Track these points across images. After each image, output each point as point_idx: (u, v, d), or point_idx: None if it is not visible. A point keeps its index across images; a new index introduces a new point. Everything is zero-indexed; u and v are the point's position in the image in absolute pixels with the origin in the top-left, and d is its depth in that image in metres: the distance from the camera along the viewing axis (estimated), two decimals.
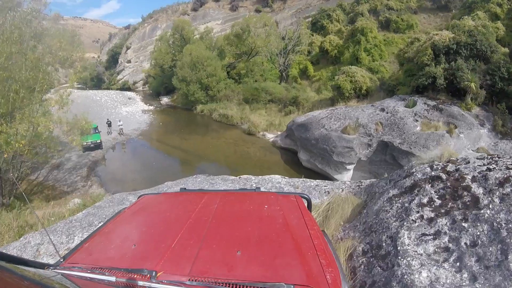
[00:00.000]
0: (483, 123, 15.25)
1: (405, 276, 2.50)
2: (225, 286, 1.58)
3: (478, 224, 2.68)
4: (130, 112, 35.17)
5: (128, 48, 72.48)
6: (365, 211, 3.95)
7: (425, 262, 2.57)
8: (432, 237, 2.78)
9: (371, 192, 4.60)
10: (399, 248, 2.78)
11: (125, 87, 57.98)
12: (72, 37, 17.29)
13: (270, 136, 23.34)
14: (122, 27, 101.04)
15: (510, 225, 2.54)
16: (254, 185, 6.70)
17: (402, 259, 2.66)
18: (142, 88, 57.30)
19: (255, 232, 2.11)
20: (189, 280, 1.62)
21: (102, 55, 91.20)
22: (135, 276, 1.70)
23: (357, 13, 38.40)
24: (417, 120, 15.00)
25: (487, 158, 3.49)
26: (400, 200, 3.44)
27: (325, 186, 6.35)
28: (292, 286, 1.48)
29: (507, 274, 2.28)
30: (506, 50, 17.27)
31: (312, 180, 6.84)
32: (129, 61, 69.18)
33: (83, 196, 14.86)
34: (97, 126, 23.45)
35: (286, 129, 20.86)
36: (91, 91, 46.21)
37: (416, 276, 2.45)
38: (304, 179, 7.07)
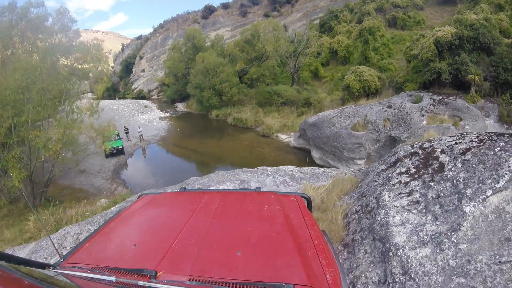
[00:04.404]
0: (488, 114, 15.72)
1: (383, 220, 3.31)
2: (225, 286, 1.60)
3: (442, 182, 3.47)
4: (148, 119, 36.27)
5: (141, 58, 74.21)
6: (360, 185, 4.76)
7: (399, 210, 3.38)
8: (406, 194, 3.59)
9: (367, 172, 5.40)
10: (380, 203, 3.59)
11: (140, 96, 59.22)
12: (98, 51, 18.58)
13: (284, 137, 24.04)
14: (134, 38, 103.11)
15: (466, 181, 3.33)
16: (270, 174, 7.47)
17: (382, 210, 3.47)
18: (157, 96, 58.33)
19: (255, 232, 2.15)
20: (189, 280, 1.65)
21: (116, 66, 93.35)
22: (135, 276, 1.72)
23: (364, 13, 38.79)
24: (423, 115, 15.57)
25: (457, 135, 4.25)
26: (385, 172, 4.24)
27: (330, 172, 7.21)
28: (292, 286, 1.51)
29: (461, 213, 3.07)
30: (509, 41, 17.64)
31: (320, 168, 7.65)
32: (143, 71, 70.90)
33: (110, 197, 15.83)
34: (119, 133, 24.65)
35: (299, 130, 21.62)
36: (107, 100, 47.63)
37: (391, 219, 3.26)
38: (313, 167, 7.89)
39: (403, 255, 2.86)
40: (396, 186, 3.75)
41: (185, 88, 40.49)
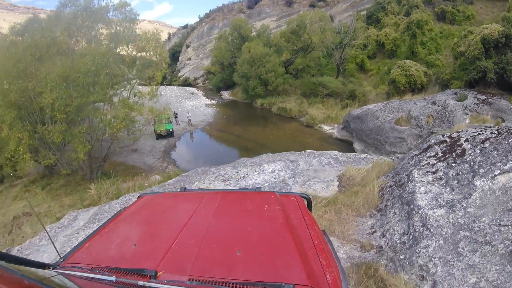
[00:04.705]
0: None
1: (411, 189, 4.31)
2: (225, 286, 1.61)
3: (461, 164, 4.39)
4: (195, 105, 37.84)
5: (188, 47, 76.61)
6: (395, 167, 5.71)
7: (425, 184, 4.35)
8: (432, 173, 4.54)
9: (403, 157, 6.33)
10: (410, 178, 4.58)
11: (186, 83, 61.14)
12: (157, 40, 20.37)
13: (327, 128, 24.49)
14: (180, 27, 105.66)
15: (481, 163, 4.23)
16: (317, 156, 8.46)
17: (411, 183, 4.46)
18: (203, 84, 60.05)
19: (255, 232, 2.17)
20: (189, 280, 1.66)
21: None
22: (136, 276, 1.74)
23: (412, 5, 37.50)
24: (466, 114, 15.70)
25: (481, 128, 5.09)
26: (418, 156, 5.18)
27: (371, 158, 8.15)
28: (292, 286, 1.53)
29: (472, 186, 4.01)
30: None
31: (362, 154, 8.56)
32: (189, 59, 73.28)
33: (162, 174, 17.04)
34: (169, 117, 26.51)
35: (343, 121, 22.09)
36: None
37: (417, 189, 4.26)
38: (355, 153, 8.83)
39: (423, 213, 3.87)
40: (424, 166, 4.70)
41: (230, 76, 41.61)
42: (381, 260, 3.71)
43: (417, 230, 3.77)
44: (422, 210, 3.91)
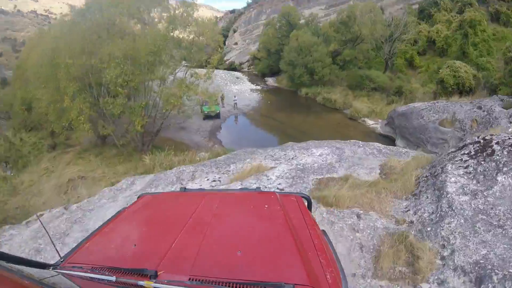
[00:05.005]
0: None
1: (443, 179, 5.23)
2: (225, 285, 1.62)
3: (489, 162, 5.23)
4: (240, 90, 38.85)
5: (235, 31, 77.70)
6: (433, 161, 6.57)
7: (455, 175, 5.24)
8: (463, 167, 5.41)
9: (441, 154, 7.14)
10: (444, 170, 5.48)
11: (232, 67, 61.71)
12: (213, 26, 21.76)
13: (371, 123, 24.79)
14: (227, 11, 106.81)
15: (506, 163, 5.06)
16: (361, 146, 9.31)
17: (444, 174, 5.36)
18: (248, 69, 60.81)
19: (255, 232, 2.20)
20: (189, 279, 1.67)
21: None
22: (136, 276, 1.74)
23: (465, 3, 35.91)
24: (510, 122, 15.52)
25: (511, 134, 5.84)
26: (453, 153, 6.02)
27: (412, 152, 8.99)
28: (292, 286, 1.53)
29: (494, 181, 4.88)
30: None
31: (404, 148, 9.39)
32: (235, 43, 74.41)
33: (208, 151, 17.80)
34: (217, 99, 27.95)
35: (387, 117, 22.32)
36: (197, 69, 52.31)
37: (448, 179, 5.17)
38: (397, 147, 9.66)
39: (450, 198, 4.80)
40: (458, 162, 5.57)
41: (276, 63, 42.18)
42: (411, 231, 4.68)
43: (443, 210, 4.70)
44: (450, 195, 4.84)
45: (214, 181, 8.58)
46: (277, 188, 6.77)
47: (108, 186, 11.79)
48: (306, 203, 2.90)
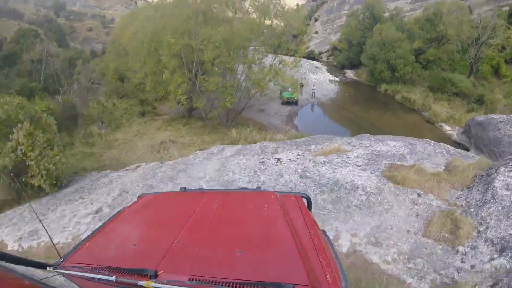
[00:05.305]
0: None
1: (494, 177, 6.62)
2: (226, 285, 1.63)
3: None
4: (318, 79, 39.87)
5: (316, 20, 77.13)
6: (491, 165, 7.81)
7: (505, 176, 6.60)
8: None
9: (500, 160, 8.32)
10: (496, 171, 6.83)
11: (310, 56, 61.05)
12: (303, 17, 23.45)
13: (448, 129, 24.35)
14: None
15: None
16: (432, 145, 10.47)
17: (495, 173, 6.72)
18: (327, 59, 60.38)
19: (255, 232, 2.23)
20: (189, 279, 1.68)
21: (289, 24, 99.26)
22: (136, 276, 1.76)
23: None
24: None
25: None
26: (509, 159, 7.24)
27: (477, 157, 10.14)
28: (292, 286, 1.53)
29: None
30: None
31: (470, 153, 10.44)
32: (316, 32, 74.09)
33: (285, 134, 19.69)
34: (297, 86, 29.48)
35: (464, 125, 21.63)
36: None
37: (497, 177, 6.55)
38: (465, 150, 10.75)
39: (495, 190, 6.22)
40: (510, 166, 6.84)
41: (357, 56, 41.83)
42: (458, 210, 6.23)
43: (487, 198, 6.13)
44: (495, 188, 6.23)
45: (298, 155, 9.80)
46: (355, 165, 8.45)
47: (197, 150, 13.89)
48: (306, 203, 2.97)
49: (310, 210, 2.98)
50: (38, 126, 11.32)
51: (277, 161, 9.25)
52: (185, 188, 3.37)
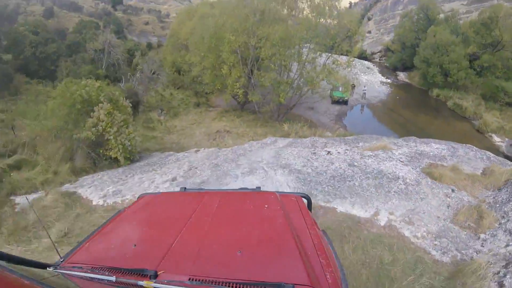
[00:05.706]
0: None
1: None
2: (225, 285, 1.63)
3: None
4: (369, 80, 39.97)
5: (369, 19, 75.92)
6: None
7: None
8: None
9: None
10: None
11: (362, 56, 59.98)
12: (355, 16, 24.10)
13: (497, 140, 23.90)
14: None
15: None
16: (474, 151, 11.11)
17: None
18: (379, 60, 59.75)
19: (255, 232, 2.24)
20: (189, 279, 1.69)
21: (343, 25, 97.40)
22: (136, 276, 1.77)
23: None
24: None
25: None
26: None
27: None
28: (292, 286, 1.55)
29: None
30: None
31: (510, 162, 11.04)
32: (369, 32, 72.19)
33: (334, 132, 20.47)
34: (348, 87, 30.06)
35: None
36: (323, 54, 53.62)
37: None
38: (505, 159, 11.38)
39: None
40: None
41: (410, 58, 41.03)
42: (485, 205, 7.24)
43: (511, 199, 7.12)
44: None
45: (346, 149, 10.64)
46: (399, 160, 9.51)
47: (249, 141, 14.91)
48: (306, 203, 2.99)
49: (310, 210, 3.01)
50: (116, 107, 13.15)
51: (327, 153, 10.48)
52: (185, 188, 3.44)
